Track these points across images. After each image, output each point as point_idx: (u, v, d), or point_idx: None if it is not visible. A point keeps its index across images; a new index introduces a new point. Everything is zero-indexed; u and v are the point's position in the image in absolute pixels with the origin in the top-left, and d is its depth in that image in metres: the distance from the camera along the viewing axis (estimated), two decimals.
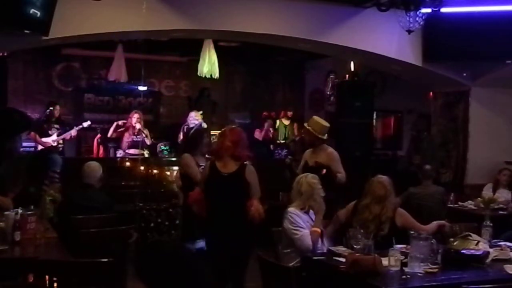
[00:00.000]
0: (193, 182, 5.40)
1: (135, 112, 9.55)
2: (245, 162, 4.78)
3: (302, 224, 4.52)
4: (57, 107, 9.58)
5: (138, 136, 9.29)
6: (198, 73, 9.42)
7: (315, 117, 6.47)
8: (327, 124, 6.33)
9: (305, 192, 4.63)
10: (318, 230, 4.52)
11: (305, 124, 6.26)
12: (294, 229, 4.49)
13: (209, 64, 9.29)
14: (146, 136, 9.33)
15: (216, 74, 9.43)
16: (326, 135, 6.28)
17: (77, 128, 9.40)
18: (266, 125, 10.97)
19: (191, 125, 9.30)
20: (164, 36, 8.46)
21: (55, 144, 9.15)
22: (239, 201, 4.66)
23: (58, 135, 9.26)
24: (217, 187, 4.74)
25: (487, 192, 7.44)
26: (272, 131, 11.02)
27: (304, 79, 13.35)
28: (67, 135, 9.29)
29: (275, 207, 5.72)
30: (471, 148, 8.46)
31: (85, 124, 9.50)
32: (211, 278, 2.48)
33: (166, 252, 2.37)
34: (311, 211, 4.70)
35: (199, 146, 5.87)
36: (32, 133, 8.83)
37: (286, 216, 4.57)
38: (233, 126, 5.46)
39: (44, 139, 9.10)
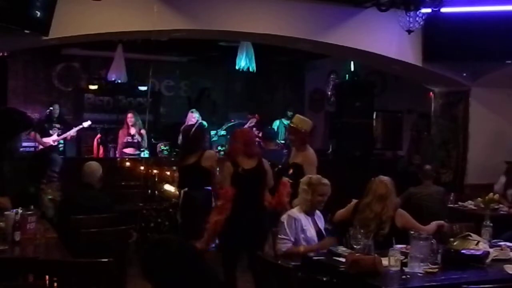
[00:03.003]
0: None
1: (130, 112, 9.56)
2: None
3: (292, 229, 4.51)
4: (56, 106, 9.57)
5: (134, 137, 9.30)
6: (236, 67, 9.44)
7: (300, 116, 6.45)
8: (307, 119, 6.36)
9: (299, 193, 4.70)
10: (301, 250, 4.44)
11: (292, 124, 6.14)
12: (281, 231, 4.52)
13: (246, 58, 9.32)
14: (142, 137, 9.31)
15: (254, 68, 9.44)
16: (310, 127, 6.29)
17: (77, 129, 9.40)
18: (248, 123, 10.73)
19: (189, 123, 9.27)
20: (164, 36, 8.45)
21: (55, 144, 9.16)
22: (260, 193, 5.20)
23: (58, 135, 9.26)
24: (239, 183, 5.11)
25: (499, 186, 7.36)
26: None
27: (304, 79, 13.35)
28: (66, 136, 9.30)
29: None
30: (471, 148, 8.46)
31: (86, 124, 9.52)
32: (216, 274, 2.48)
33: (173, 249, 2.37)
34: (316, 214, 4.73)
35: (202, 143, 5.92)
36: (33, 133, 8.82)
37: (283, 216, 4.60)
38: (240, 128, 5.68)
39: (44, 139, 9.12)
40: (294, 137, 6.05)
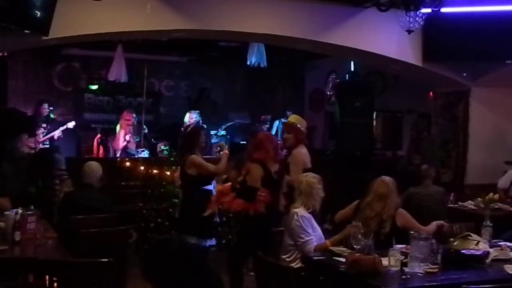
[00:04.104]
0: (205, 179, 5.80)
1: (129, 112, 9.56)
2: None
3: (310, 227, 4.53)
4: (45, 105, 9.49)
5: (133, 136, 9.32)
6: (248, 62, 9.44)
7: (297, 116, 6.50)
8: (305, 122, 6.42)
9: (304, 191, 4.66)
10: (329, 244, 4.49)
11: (294, 122, 6.17)
12: (302, 233, 4.50)
13: (258, 53, 9.32)
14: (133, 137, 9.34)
15: (264, 63, 9.44)
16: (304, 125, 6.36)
17: (61, 129, 9.28)
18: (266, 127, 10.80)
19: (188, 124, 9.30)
20: (164, 36, 8.46)
21: (39, 145, 9.02)
22: (279, 195, 5.41)
23: (44, 135, 9.16)
24: (271, 186, 5.27)
25: (505, 180, 7.34)
26: None
27: (304, 79, 13.35)
28: (51, 136, 9.19)
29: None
30: (471, 148, 8.45)
31: (70, 125, 9.40)
32: (217, 274, 2.48)
33: (173, 250, 2.37)
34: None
35: (197, 143, 5.96)
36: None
37: (295, 218, 4.56)
38: (266, 132, 5.79)
39: (29, 139, 8.99)
40: (290, 135, 6.07)
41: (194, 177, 5.85)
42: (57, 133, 9.22)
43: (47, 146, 9.10)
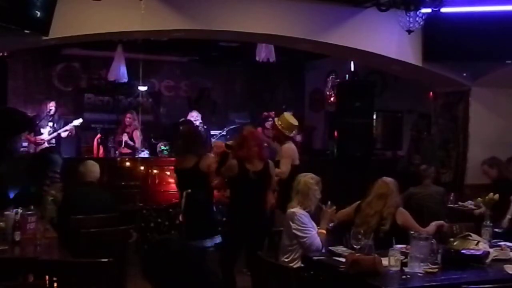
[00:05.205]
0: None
1: (129, 112, 9.58)
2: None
3: (310, 225, 4.54)
4: (51, 103, 9.48)
5: (126, 137, 9.35)
6: (256, 59, 9.45)
7: (286, 114, 6.66)
8: (295, 123, 6.51)
9: (301, 191, 4.67)
10: (324, 231, 4.55)
11: (276, 120, 6.35)
12: (305, 230, 4.50)
13: (267, 49, 9.34)
14: (131, 138, 9.36)
15: (274, 59, 9.45)
16: (293, 132, 6.39)
17: (68, 127, 9.27)
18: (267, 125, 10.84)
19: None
20: (164, 36, 8.46)
21: (43, 142, 9.04)
22: (264, 194, 5.35)
23: (49, 133, 9.18)
24: (248, 184, 5.28)
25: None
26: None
27: (304, 79, 13.35)
28: (58, 133, 9.20)
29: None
30: (471, 148, 8.45)
31: (77, 122, 9.42)
32: (217, 275, 2.49)
33: (173, 250, 2.37)
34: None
35: (203, 145, 6.00)
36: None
37: (294, 218, 4.56)
38: (251, 129, 5.81)
39: (36, 137, 9.01)
40: (273, 132, 6.18)
41: (207, 175, 5.78)
42: (62, 131, 9.24)
43: (50, 145, 9.12)
